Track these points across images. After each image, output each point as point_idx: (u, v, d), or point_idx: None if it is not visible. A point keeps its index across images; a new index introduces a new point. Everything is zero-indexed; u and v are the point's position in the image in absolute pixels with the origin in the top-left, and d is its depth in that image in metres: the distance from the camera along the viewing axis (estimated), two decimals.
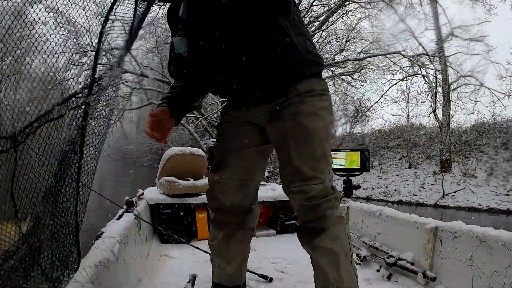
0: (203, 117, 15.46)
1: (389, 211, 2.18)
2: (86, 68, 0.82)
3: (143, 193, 2.85)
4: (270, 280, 1.87)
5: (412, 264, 1.84)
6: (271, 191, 3.21)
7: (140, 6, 1.08)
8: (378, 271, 1.93)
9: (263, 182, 4.19)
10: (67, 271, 0.97)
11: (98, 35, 0.87)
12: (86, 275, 1.05)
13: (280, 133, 1.20)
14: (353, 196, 2.76)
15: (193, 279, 1.69)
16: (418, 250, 1.86)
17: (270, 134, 1.27)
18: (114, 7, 0.94)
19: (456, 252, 1.65)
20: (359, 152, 2.61)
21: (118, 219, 1.90)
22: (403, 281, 1.83)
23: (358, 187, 2.75)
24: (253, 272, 1.89)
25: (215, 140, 1.58)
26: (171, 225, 2.73)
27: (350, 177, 2.66)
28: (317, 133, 1.16)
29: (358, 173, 2.64)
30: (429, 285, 1.73)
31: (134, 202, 2.29)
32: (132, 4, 1.04)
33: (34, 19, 0.73)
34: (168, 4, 1.28)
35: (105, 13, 0.90)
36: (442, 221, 1.83)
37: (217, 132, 1.43)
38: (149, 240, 2.41)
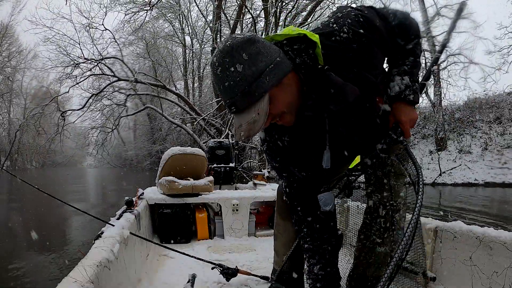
0: (201, 117, 15.40)
1: None
2: None
3: (143, 193, 2.84)
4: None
5: (412, 264, 1.79)
6: (271, 191, 3.20)
7: None
8: None
9: (263, 182, 4.19)
10: None
11: None
12: (86, 275, 1.05)
13: None
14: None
15: (193, 279, 1.69)
16: (417, 250, 1.80)
17: None
18: None
19: (456, 252, 1.63)
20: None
21: (118, 219, 1.89)
22: (403, 281, 1.78)
23: (358, 187, 2.78)
24: (254, 275, 1.89)
25: (215, 140, 1.57)
26: (170, 225, 2.73)
27: (350, 178, 2.68)
28: None
29: (359, 173, 2.65)
30: (429, 285, 1.71)
31: (134, 202, 2.28)
32: None
33: None
34: None
35: None
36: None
37: None
38: None
